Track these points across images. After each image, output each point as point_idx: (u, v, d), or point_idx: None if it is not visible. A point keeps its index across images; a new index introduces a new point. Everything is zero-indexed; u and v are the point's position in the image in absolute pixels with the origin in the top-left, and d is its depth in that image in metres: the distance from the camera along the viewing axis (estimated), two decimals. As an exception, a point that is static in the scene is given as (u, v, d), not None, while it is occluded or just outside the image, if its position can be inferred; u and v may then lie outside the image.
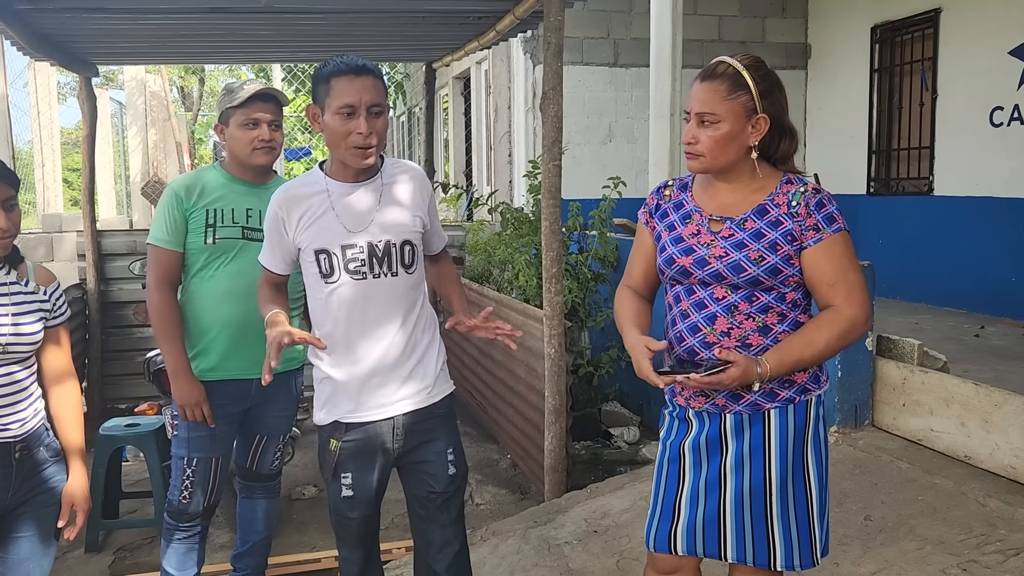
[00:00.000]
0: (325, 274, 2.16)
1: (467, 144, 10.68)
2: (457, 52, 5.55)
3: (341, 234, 2.15)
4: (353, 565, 2.35)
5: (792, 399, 1.92)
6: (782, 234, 1.87)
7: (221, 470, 2.82)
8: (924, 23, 6.45)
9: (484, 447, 5.22)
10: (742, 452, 1.95)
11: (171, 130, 11.96)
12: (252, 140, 2.73)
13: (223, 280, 2.73)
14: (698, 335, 1.93)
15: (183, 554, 2.83)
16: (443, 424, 2.31)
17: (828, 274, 1.87)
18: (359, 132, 2.06)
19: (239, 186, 2.80)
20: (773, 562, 1.95)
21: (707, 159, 1.90)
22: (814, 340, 1.87)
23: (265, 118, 2.74)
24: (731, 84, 1.86)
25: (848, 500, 3.25)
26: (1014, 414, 3.21)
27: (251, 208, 2.77)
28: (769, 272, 1.87)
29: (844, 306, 1.86)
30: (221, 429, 2.78)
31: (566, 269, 5.06)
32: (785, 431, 1.92)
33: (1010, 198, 5.70)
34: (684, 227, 1.98)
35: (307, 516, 4.19)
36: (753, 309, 1.90)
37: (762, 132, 1.89)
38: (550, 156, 3.79)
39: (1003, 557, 2.74)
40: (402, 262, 2.20)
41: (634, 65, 7.43)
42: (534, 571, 3.10)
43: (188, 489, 2.76)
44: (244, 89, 2.76)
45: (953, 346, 4.60)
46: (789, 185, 1.91)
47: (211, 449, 2.77)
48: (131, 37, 4.86)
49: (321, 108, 2.10)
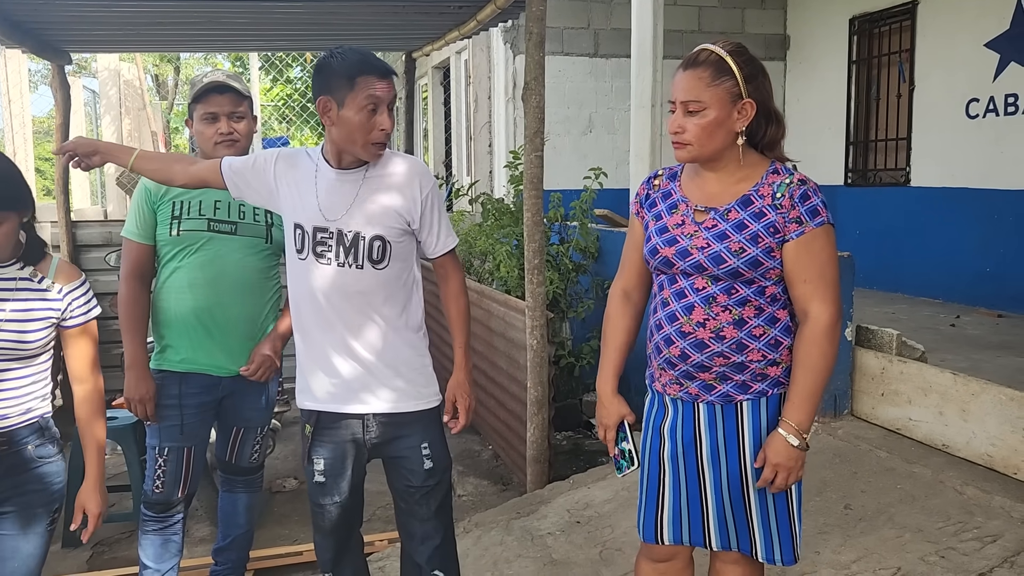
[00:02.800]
0: (297, 249, 2.20)
1: (447, 134, 10.63)
2: (438, 41, 5.51)
3: (315, 216, 2.17)
4: (326, 551, 2.36)
5: (765, 392, 1.93)
6: (764, 226, 1.86)
7: (195, 460, 2.80)
8: (902, 15, 6.49)
9: (466, 438, 5.21)
10: (716, 443, 1.95)
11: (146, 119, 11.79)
12: (213, 134, 2.73)
13: (189, 272, 2.71)
14: (675, 324, 1.94)
15: (160, 546, 2.81)
16: (419, 419, 2.29)
17: (806, 270, 1.86)
18: (382, 128, 2.10)
19: None
20: (755, 551, 1.97)
21: (695, 147, 1.89)
22: (812, 364, 1.86)
23: (223, 111, 2.72)
24: (715, 70, 1.85)
25: (828, 489, 3.28)
26: (990, 403, 3.25)
27: (219, 200, 2.74)
28: (749, 264, 1.86)
29: (818, 310, 1.86)
30: (192, 419, 2.76)
31: (548, 260, 5.06)
32: (758, 424, 1.93)
33: (985, 189, 5.76)
34: (670, 217, 1.98)
35: (288, 509, 4.17)
36: (731, 301, 1.89)
37: (748, 117, 1.87)
38: (532, 147, 3.77)
39: (980, 544, 2.77)
40: (370, 256, 2.17)
41: (614, 56, 7.42)
42: (517, 562, 3.10)
43: (161, 479, 2.75)
44: (202, 82, 2.74)
45: (929, 336, 4.65)
46: (775, 175, 1.90)
47: (183, 439, 2.75)
48: (105, 24, 4.77)
49: (338, 102, 2.08)
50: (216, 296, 2.72)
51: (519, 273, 5.05)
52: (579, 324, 5.60)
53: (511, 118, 7.62)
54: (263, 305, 2.85)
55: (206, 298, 2.71)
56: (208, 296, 2.71)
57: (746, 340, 1.89)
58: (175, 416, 2.74)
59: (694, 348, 1.92)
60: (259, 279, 2.80)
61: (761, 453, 1.89)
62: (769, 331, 1.91)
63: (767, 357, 1.91)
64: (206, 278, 2.70)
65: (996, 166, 5.68)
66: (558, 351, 5.22)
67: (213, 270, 2.71)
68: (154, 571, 2.82)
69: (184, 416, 2.75)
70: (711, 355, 1.90)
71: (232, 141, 2.74)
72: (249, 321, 2.80)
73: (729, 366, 1.91)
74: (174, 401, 2.74)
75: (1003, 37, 5.58)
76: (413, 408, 2.27)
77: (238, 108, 2.75)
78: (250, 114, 2.80)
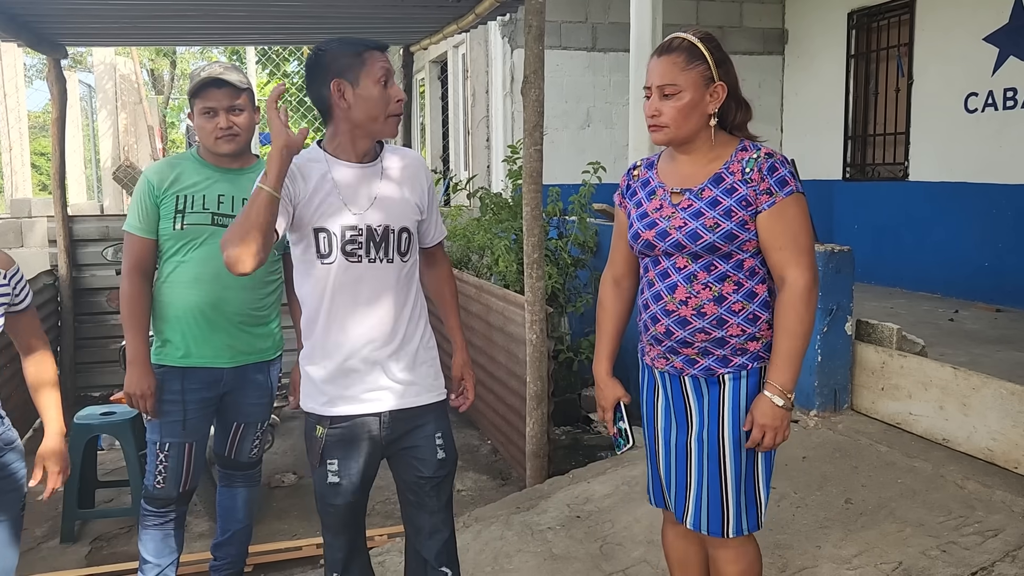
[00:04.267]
0: (323, 254, 2.13)
1: (444, 129, 10.61)
2: (436, 35, 5.49)
3: (342, 214, 2.12)
4: (338, 551, 2.33)
5: (745, 366, 2.01)
6: (737, 200, 1.95)
7: (196, 456, 2.79)
8: (900, 9, 6.48)
9: (465, 433, 5.21)
10: (703, 415, 2.05)
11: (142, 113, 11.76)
12: (213, 129, 2.69)
13: (192, 266, 2.69)
14: (660, 303, 2.04)
15: (160, 540, 2.81)
16: (432, 410, 2.28)
17: (779, 237, 1.96)
18: (399, 99, 2.13)
19: (213, 172, 2.75)
20: (726, 529, 2.05)
21: (671, 129, 1.99)
22: (791, 328, 1.96)
23: (221, 105, 2.67)
24: (688, 55, 1.96)
25: (828, 484, 3.27)
26: (991, 397, 3.25)
27: (223, 194, 2.72)
28: (725, 238, 1.95)
29: (794, 275, 1.95)
30: (194, 415, 2.75)
31: (546, 255, 5.04)
32: (738, 397, 2.02)
33: (983, 183, 5.76)
34: (649, 203, 2.08)
35: (287, 504, 4.16)
36: (711, 278, 1.98)
37: (720, 100, 1.97)
38: (531, 141, 3.76)
39: (981, 539, 2.77)
40: (398, 249, 2.18)
41: (612, 50, 7.41)
42: (517, 557, 3.10)
43: (162, 474, 2.75)
44: (199, 77, 2.70)
45: (928, 330, 4.64)
46: (744, 152, 2.00)
47: (184, 435, 2.74)
48: (101, 17, 4.75)
49: (352, 81, 2.07)
50: (220, 291, 2.70)
51: (518, 268, 5.04)
52: (578, 319, 5.59)
53: (509, 112, 7.61)
54: (266, 298, 2.84)
55: (210, 293, 2.69)
56: (212, 291, 2.69)
57: (726, 315, 1.98)
58: (177, 412, 2.73)
59: (678, 325, 2.02)
60: (262, 273, 2.77)
61: (748, 416, 1.99)
62: (748, 306, 2.00)
63: (746, 331, 2.00)
64: (210, 273, 2.67)
65: (995, 160, 5.67)
66: (557, 346, 5.21)
67: (217, 264, 2.62)
68: (154, 566, 2.81)
69: (187, 412, 2.74)
70: (693, 331, 2.00)
71: (232, 136, 2.71)
72: (252, 315, 2.79)
73: (710, 341, 2.00)
74: (176, 397, 2.73)
75: (1002, 31, 5.57)
76: (427, 401, 2.27)
77: (236, 101, 2.70)
78: (251, 106, 2.76)
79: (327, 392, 2.20)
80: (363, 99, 2.08)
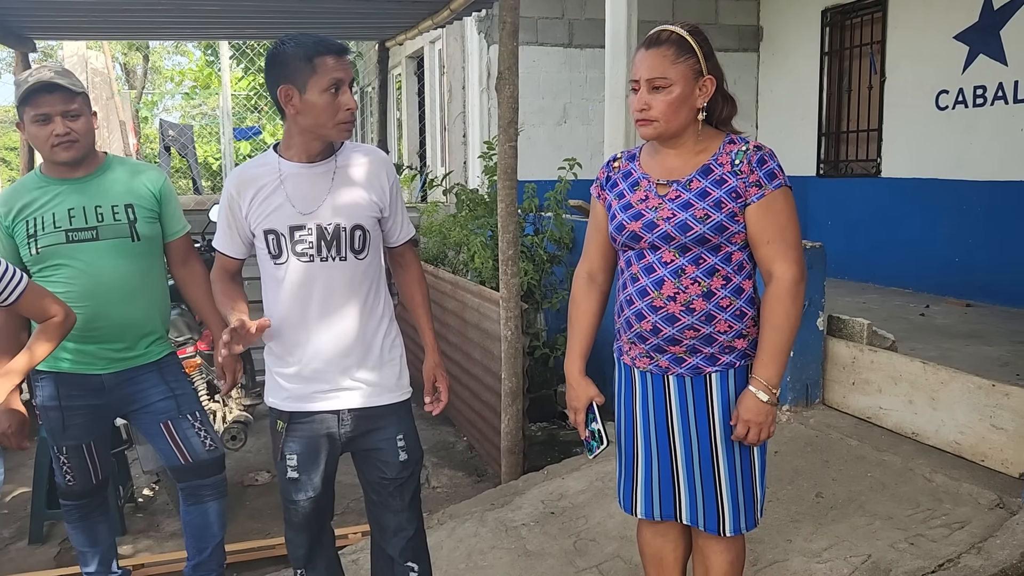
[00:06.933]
0: (274, 255, 2.15)
1: (421, 124, 10.58)
2: (411, 31, 5.47)
3: (290, 215, 2.13)
4: (299, 547, 2.34)
5: (732, 364, 1.99)
6: (726, 192, 1.93)
7: (98, 451, 2.77)
8: (873, 7, 6.53)
9: (440, 430, 5.20)
10: (687, 416, 2.02)
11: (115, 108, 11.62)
12: (48, 137, 2.52)
13: (60, 287, 2.55)
14: (646, 299, 1.99)
15: (89, 530, 2.82)
16: (394, 411, 2.28)
17: (767, 231, 1.94)
18: (348, 108, 2.09)
19: (58, 186, 2.61)
20: (722, 527, 2.04)
21: (661, 124, 1.95)
22: (777, 322, 1.94)
23: (55, 111, 2.51)
24: (677, 49, 1.93)
25: (800, 478, 3.30)
26: (959, 392, 3.29)
27: (73, 208, 2.59)
28: (715, 229, 1.93)
29: (781, 269, 1.93)
30: (79, 420, 2.69)
31: (522, 251, 5.04)
32: (726, 395, 2.00)
33: (954, 180, 5.82)
34: (633, 194, 2.04)
35: (261, 503, 4.13)
36: (699, 272, 1.95)
37: (709, 94, 1.96)
38: (506, 137, 3.75)
39: (948, 531, 2.81)
40: (351, 247, 2.16)
41: (589, 46, 7.40)
42: (492, 554, 3.10)
43: (69, 473, 2.74)
44: (27, 82, 2.52)
45: (900, 325, 4.70)
46: (732, 145, 1.98)
47: (78, 437, 2.71)
48: (71, 11, 4.68)
49: (300, 88, 2.04)
50: (94, 308, 2.58)
51: (493, 264, 5.03)
52: (554, 315, 5.60)
53: (485, 108, 7.58)
54: (150, 305, 2.72)
55: (84, 312, 2.54)
56: (86, 310, 2.55)
57: (714, 311, 1.96)
58: (57, 418, 2.66)
59: (666, 322, 1.97)
60: (138, 281, 2.67)
61: (734, 412, 1.97)
62: (735, 302, 1.97)
63: (734, 328, 1.97)
64: (80, 292, 2.56)
65: (965, 157, 5.74)
66: (533, 342, 5.22)
67: (85, 282, 2.57)
68: (92, 553, 2.82)
69: (67, 418, 2.66)
70: (682, 328, 1.96)
71: (71, 142, 2.55)
72: (137, 325, 2.68)
73: (699, 338, 1.97)
74: (54, 403, 2.66)
75: (972, 29, 5.63)
76: (388, 401, 2.27)
77: (71, 106, 2.54)
78: (87, 110, 2.60)
79: (288, 389, 2.22)
80: (310, 106, 2.06)
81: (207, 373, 4.08)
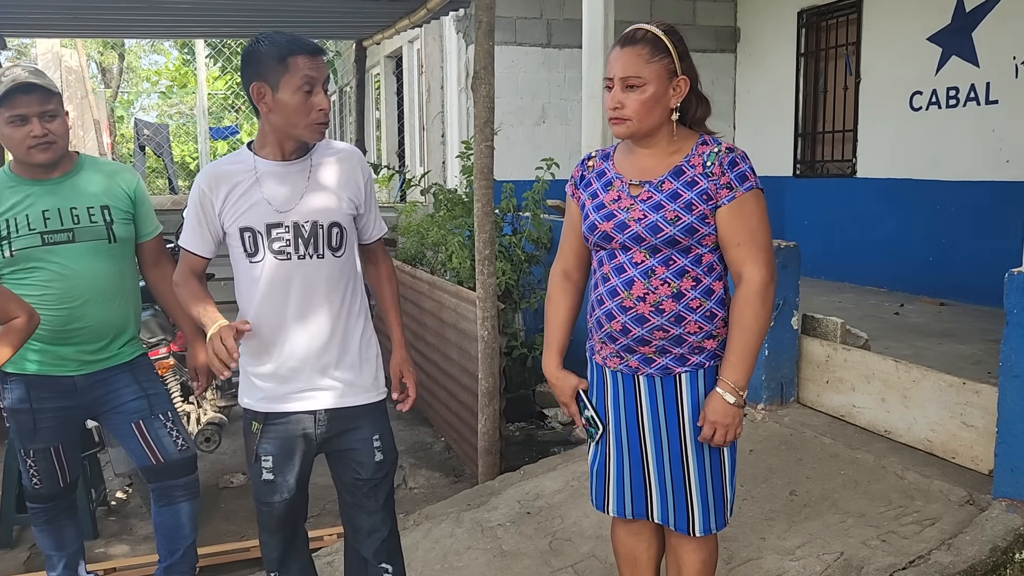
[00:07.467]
0: (250, 253, 2.13)
1: (399, 124, 10.55)
2: (388, 30, 5.46)
3: (267, 213, 2.11)
4: (273, 550, 2.33)
5: (702, 364, 2.00)
6: (697, 193, 1.93)
7: (66, 454, 2.73)
8: (848, 8, 6.58)
9: (418, 430, 5.19)
10: (657, 416, 2.02)
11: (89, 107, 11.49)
12: (24, 138, 2.48)
13: (35, 290, 2.52)
14: (616, 299, 1.99)
15: (56, 535, 2.79)
16: (370, 411, 2.27)
17: (738, 233, 1.93)
18: (321, 108, 2.07)
19: (31, 187, 2.58)
20: (692, 527, 2.05)
21: (634, 123, 1.95)
22: (746, 324, 1.94)
23: (32, 111, 2.47)
24: (652, 48, 1.92)
25: (774, 476, 3.32)
26: (931, 389, 3.32)
27: (48, 209, 2.55)
28: (685, 231, 1.92)
29: (751, 272, 1.93)
30: (49, 423, 2.66)
31: (500, 251, 5.04)
32: (696, 395, 2.00)
33: (928, 180, 5.88)
34: (606, 194, 2.04)
35: (235, 505, 4.10)
36: (669, 273, 1.95)
37: (683, 94, 1.96)
38: (482, 136, 3.75)
39: (919, 528, 2.83)
40: (329, 244, 2.16)
41: (567, 46, 7.41)
42: (467, 554, 3.09)
43: (36, 476, 2.70)
44: (1, 82, 2.48)
45: (874, 324, 4.74)
46: (704, 146, 1.98)
47: (47, 440, 2.67)
48: (42, 8, 4.63)
49: (273, 86, 2.04)
50: (70, 311, 2.56)
51: (471, 264, 5.02)
52: (532, 315, 5.60)
53: (464, 108, 7.58)
54: (125, 307, 2.70)
55: (59, 316, 2.53)
56: (61, 313, 2.54)
57: (684, 312, 1.95)
58: (28, 420, 2.63)
59: (635, 322, 1.97)
60: (114, 282, 2.65)
61: (702, 413, 1.97)
62: (705, 303, 1.97)
63: (703, 329, 1.97)
64: (56, 294, 2.54)
65: (938, 157, 5.80)
66: (510, 342, 5.22)
67: (62, 285, 2.54)
68: (59, 556, 2.78)
69: (38, 420, 2.63)
70: (651, 328, 1.96)
71: (48, 144, 2.51)
72: (114, 327, 2.67)
73: (668, 339, 1.97)
74: (24, 405, 2.62)
75: (945, 31, 5.69)
76: (365, 401, 2.26)
77: (48, 107, 2.51)
78: (62, 111, 2.56)
79: (263, 389, 2.19)
80: (282, 105, 2.05)
81: (180, 374, 4.05)
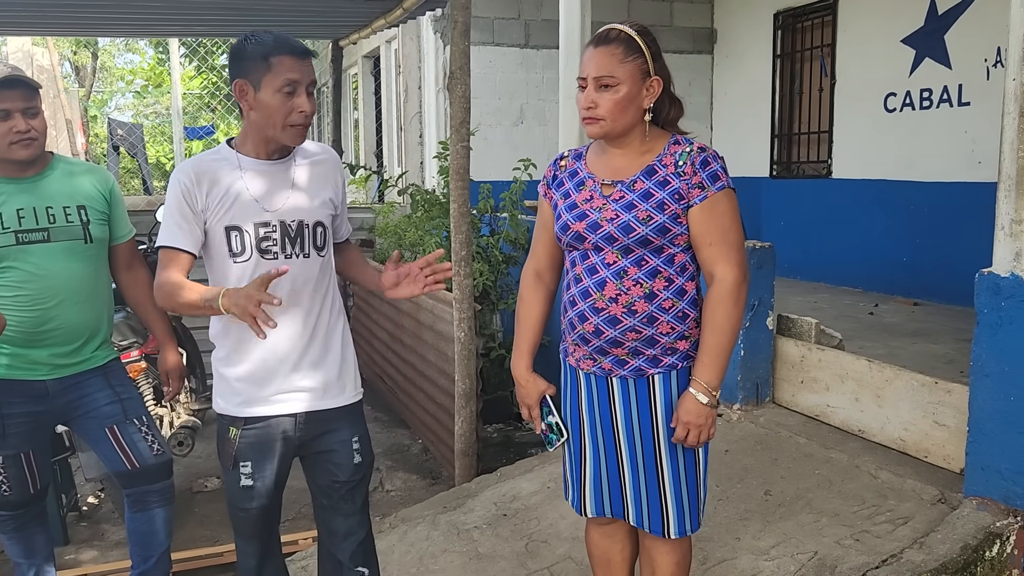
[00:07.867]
0: (235, 252, 2.09)
1: (377, 124, 10.50)
2: (364, 29, 5.43)
3: (255, 211, 2.08)
4: (251, 557, 2.29)
5: (675, 365, 2.00)
6: (669, 193, 1.93)
7: (37, 460, 2.69)
8: (823, 10, 6.64)
9: (395, 432, 5.16)
10: (630, 417, 2.02)
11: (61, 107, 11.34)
12: (6, 133, 2.46)
13: (8, 291, 2.49)
14: (588, 300, 1.99)
15: (25, 542, 2.75)
16: (348, 413, 2.26)
17: (710, 232, 1.94)
18: (301, 110, 2.04)
19: (4, 186, 2.54)
20: (667, 529, 2.05)
21: (607, 123, 1.94)
22: (718, 324, 1.94)
23: (16, 107, 2.46)
24: (626, 48, 1.93)
25: (749, 476, 3.33)
26: (904, 389, 3.35)
27: (22, 208, 2.52)
28: (657, 231, 1.93)
29: (723, 271, 1.93)
30: (19, 428, 2.61)
31: (477, 252, 5.03)
32: (669, 397, 2.00)
33: (902, 181, 5.94)
34: (578, 194, 2.04)
35: (209, 509, 4.06)
36: (641, 274, 1.95)
37: (656, 94, 1.96)
38: (458, 137, 3.74)
39: (893, 526, 2.86)
40: (314, 243, 2.16)
41: (545, 47, 7.41)
42: (443, 557, 3.07)
43: (5, 483, 2.65)
44: None
45: (849, 324, 4.78)
46: (676, 146, 1.98)
47: (17, 446, 2.62)
48: (11, 5, 4.55)
49: (255, 85, 2.02)
50: (43, 312, 2.53)
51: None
52: (509, 316, 5.59)
53: (442, 108, 7.56)
54: (100, 309, 2.67)
55: (32, 317, 2.50)
56: (35, 314, 2.51)
57: (656, 313, 1.95)
58: None
59: (607, 324, 1.97)
60: (89, 283, 2.62)
61: (675, 414, 1.97)
62: (677, 303, 1.97)
63: (676, 330, 1.97)
64: (30, 295, 2.51)
65: (912, 159, 5.86)
66: (488, 343, 5.21)
67: (35, 286, 2.50)
68: (27, 565, 2.74)
69: (7, 426, 2.58)
70: (624, 330, 1.96)
71: (30, 140, 2.49)
72: (85, 330, 2.63)
73: (641, 340, 1.97)
74: None
75: (918, 33, 5.75)
76: (345, 402, 2.24)
77: (31, 103, 2.49)
78: (42, 109, 2.56)
79: (242, 393, 2.15)
80: (263, 105, 2.03)
81: (152, 378, 3.99)
